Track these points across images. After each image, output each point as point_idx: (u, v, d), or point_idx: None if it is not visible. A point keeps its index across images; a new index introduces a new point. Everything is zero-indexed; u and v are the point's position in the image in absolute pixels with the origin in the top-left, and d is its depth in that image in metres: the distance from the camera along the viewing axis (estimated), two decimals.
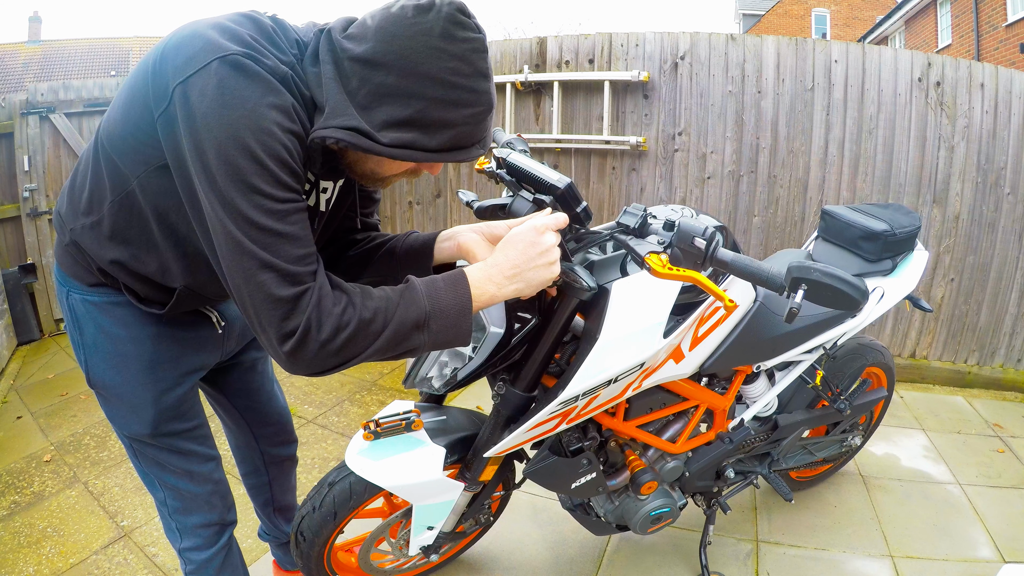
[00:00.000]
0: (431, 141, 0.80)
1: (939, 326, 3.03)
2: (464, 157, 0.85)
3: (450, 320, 0.86)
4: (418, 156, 0.81)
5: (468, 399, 2.76)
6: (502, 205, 1.14)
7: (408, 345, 0.84)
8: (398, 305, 0.83)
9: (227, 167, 0.73)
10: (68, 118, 3.74)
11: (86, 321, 1.03)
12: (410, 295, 0.84)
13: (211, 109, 0.73)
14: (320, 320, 0.78)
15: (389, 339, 0.82)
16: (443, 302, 0.85)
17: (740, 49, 2.96)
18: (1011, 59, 10.50)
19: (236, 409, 1.40)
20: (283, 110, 0.76)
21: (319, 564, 1.44)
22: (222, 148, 0.73)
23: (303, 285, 0.78)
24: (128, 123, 0.83)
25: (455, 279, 0.88)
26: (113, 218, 0.91)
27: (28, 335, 3.70)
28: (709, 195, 3.16)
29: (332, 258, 1.20)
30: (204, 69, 0.73)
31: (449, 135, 0.81)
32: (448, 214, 3.75)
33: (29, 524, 2.00)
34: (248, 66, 0.74)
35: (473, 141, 0.85)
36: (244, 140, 0.73)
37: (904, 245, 1.72)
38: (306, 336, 0.77)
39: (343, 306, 0.80)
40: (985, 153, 2.76)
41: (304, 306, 0.77)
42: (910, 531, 1.95)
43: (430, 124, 0.79)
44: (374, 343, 0.81)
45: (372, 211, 1.22)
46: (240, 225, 0.75)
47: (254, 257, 0.75)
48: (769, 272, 0.88)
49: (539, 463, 1.33)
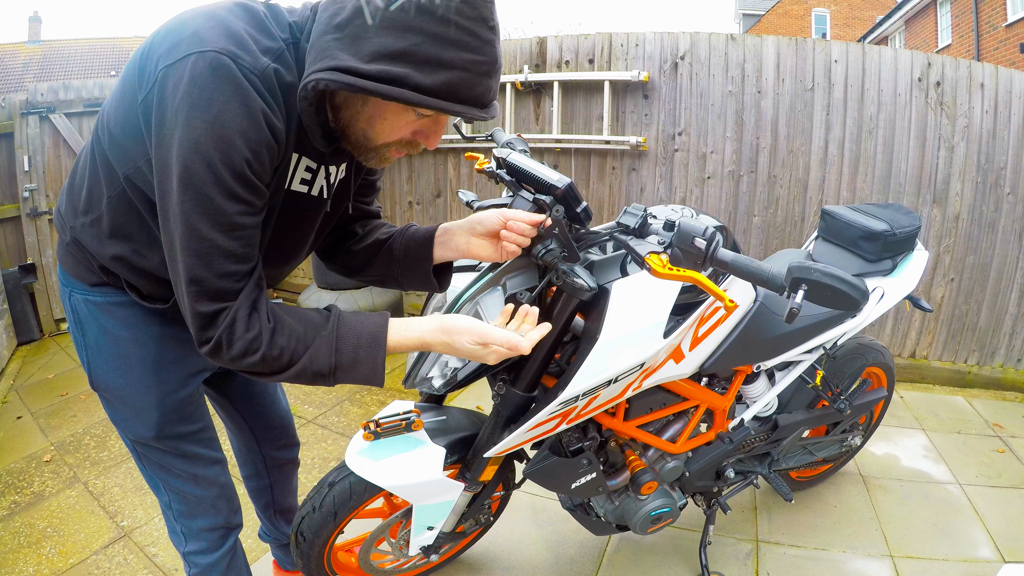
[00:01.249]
0: (425, 79, 0.74)
1: (939, 326, 3.03)
2: (461, 111, 0.78)
3: (356, 377, 0.88)
4: (409, 96, 0.74)
5: (468, 399, 2.76)
6: (502, 205, 1.14)
7: (316, 384, 0.88)
8: (307, 350, 0.85)
9: (184, 170, 0.74)
10: (68, 118, 3.74)
11: (89, 322, 1.02)
12: (318, 347, 0.86)
13: (180, 107, 0.73)
14: (231, 341, 0.81)
15: (294, 376, 0.86)
16: (349, 360, 0.87)
17: (740, 49, 2.96)
18: (1011, 59, 10.49)
19: (238, 412, 1.40)
20: (251, 117, 0.75)
21: (319, 564, 1.44)
22: (182, 150, 0.73)
23: (222, 303, 0.80)
24: (118, 116, 0.83)
25: (373, 341, 0.88)
26: (112, 214, 0.91)
27: (28, 335, 3.70)
28: (709, 195, 3.16)
29: (331, 248, 1.19)
30: (182, 61, 0.73)
31: (445, 77, 0.75)
32: (448, 214, 3.75)
33: (29, 524, 2.00)
34: (223, 67, 0.73)
35: (472, 94, 0.78)
36: (203, 148, 0.73)
37: (904, 245, 1.72)
38: (218, 349, 0.82)
39: (254, 335, 0.82)
40: (985, 153, 2.76)
41: (219, 323, 0.81)
42: (910, 531, 1.95)
43: (425, 61, 0.73)
44: (280, 374, 0.86)
45: (372, 199, 1.20)
46: (184, 227, 0.76)
47: (187, 264, 0.78)
48: (769, 272, 0.88)
49: (539, 463, 1.33)
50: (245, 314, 0.82)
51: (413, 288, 1.17)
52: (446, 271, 1.16)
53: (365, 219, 1.21)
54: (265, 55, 0.77)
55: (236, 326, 0.81)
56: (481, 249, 1.07)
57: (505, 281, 1.14)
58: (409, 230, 1.15)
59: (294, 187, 0.93)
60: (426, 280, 1.13)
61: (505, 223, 1.03)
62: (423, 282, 1.14)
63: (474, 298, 1.13)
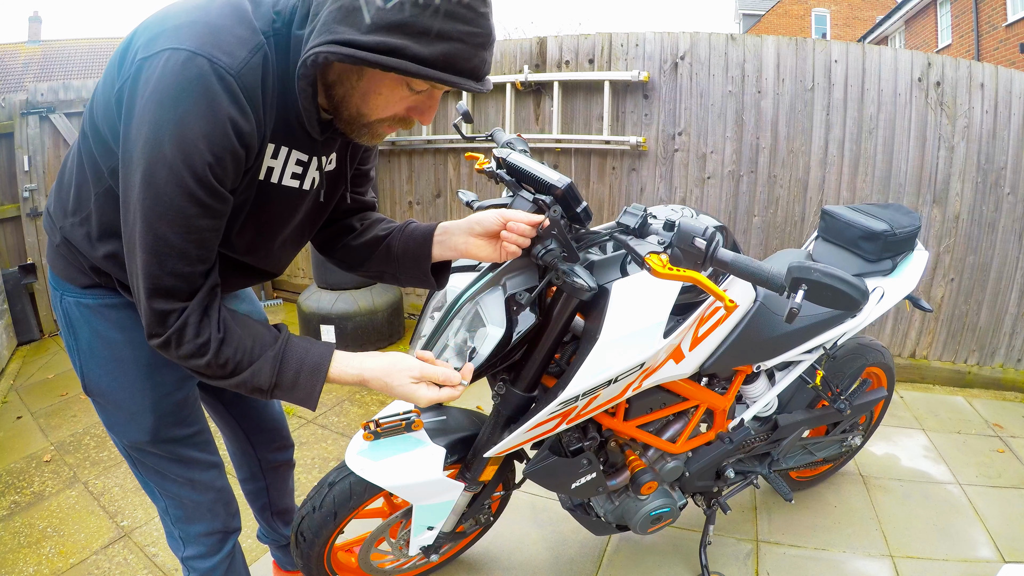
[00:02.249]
0: (423, 50, 0.74)
1: (939, 326, 3.03)
2: (457, 82, 0.78)
3: (292, 398, 0.91)
4: (407, 66, 0.74)
5: (468, 399, 2.76)
6: (502, 205, 1.14)
7: (254, 395, 0.90)
8: (251, 365, 0.87)
9: (147, 167, 0.74)
10: (68, 118, 3.74)
11: (80, 325, 1.00)
12: (262, 365, 0.87)
13: (148, 103, 0.73)
14: (180, 342, 0.83)
15: (235, 385, 0.88)
16: (289, 382, 0.89)
17: (740, 49, 2.96)
18: (1011, 59, 10.50)
19: (231, 416, 1.39)
20: (216, 123, 0.74)
21: (319, 564, 1.44)
22: (146, 147, 0.73)
23: (175, 303, 0.81)
24: (101, 108, 0.83)
25: (314, 370, 0.90)
26: (100, 212, 0.90)
27: (28, 335, 3.70)
28: (709, 195, 3.16)
29: (331, 243, 1.19)
30: (157, 56, 0.73)
31: (442, 48, 0.75)
32: (448, 214, 3.75)
33: (29, 524, 2.00)
34: (194, 68, 0.72)
35: (469, 66, 0.79)
36: (166, 148, 0.73)
37: (904, 245, 1.72)
38: (167, 346, 0.83)
39: (203, 341, 0.83)
40: (985, 153, 2.76)
41: (170, 323, 0.82)
42: (910, 531, 1.95)
43: (422, 32, 0.74)
44: (222, 380, 0.87)
45: (366, 189, 1.19)
46: (143, 223, 0.77)
47: (143, 259, 0.79)
48: (769, 272, 0.88)
49: (539, 463, 1.33)
50: (196, 319, 0.82)
51: (411, 285, 1.17)
52: (444, 269, 1.16)
53: (363, 212, 1.20)
54: (245, 50, 0.76)
55: (187, 330, 0.82)
56: (480, 249, 1.07)
57: (505, 281, 1.14)
58: (408, 227, 1.14)
59: (285, 182, 0.92)
60: (424, 278, 1.13)
61: (505, 223, 1.02)
62: (421, 280, 1.14)
63: (474, 298, 1.14)
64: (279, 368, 0.88)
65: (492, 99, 3.49)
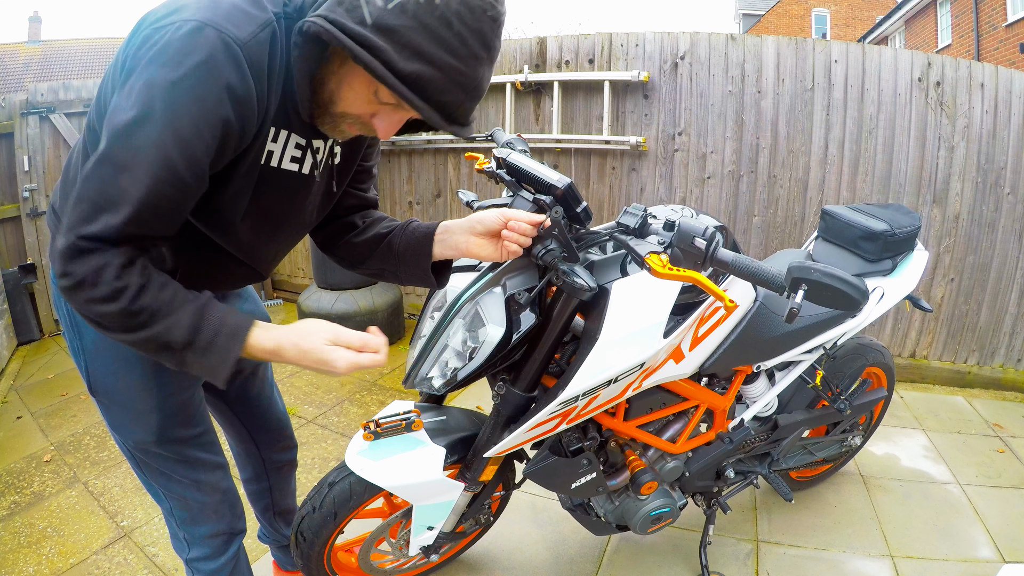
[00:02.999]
0: (399, 61, 0.74)
1: (939, 326, 3.03)
2: (420, 107, 0.77)
3: (203, 363, 0.82)
4: (377, 68, 0.74)
5: (468, 399, 2.76)
6: (502, 205, 1.15)
7: (159, 357, 0.83)
8: (166, 317, 0.79)
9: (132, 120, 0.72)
10: (68, 118, 3.74)
11: (85, 324, 0.99)
12: (179, 319, 0.80)
13: (151, 62, 0.73)
14: (96, 282, 0.75)
15: (142, 341, 0.80)
16: (205, 341, 0.81)
17: (740, 49, 2.96)
18: (1011, 59, 10.50)
19: (235, 415, 1.39)
20: (213, 89, 0.74)
21: (319, 564, 1.44)
22: (137, 103, 0.72)
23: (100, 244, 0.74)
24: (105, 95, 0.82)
25: (234, 333, 0.83)
26: None
27: (28, 335, 3.70)
28: (709, 195, 3.16)
29: (332, 240, 1.18)
30: (168, 25, 0.74)
31: (417, 68, 0.74)
32: (448, 214, 3.75)
33: (29, 524, 2.00)
34: (201, 34, 0.72)
35: (440, 99, 0.77)
36: (155, 108, 0.72)
37: (904, 245, 1.72)
38: (78, 288, 0.75)
39: (122, 284, 0.76)
40: (985, 153, 2.76)
41: (88, 261, 0.74)
42: (910, 531, 1.95)
43: (406, 45, 0.73)
44: (128, 334, 0.79)
45: (368, 186, 1.19)
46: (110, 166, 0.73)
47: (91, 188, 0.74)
48: (769, 272, 0.88)
49: (539, 463, 1.33)
50: (119, 263, 0.76)
51: (411, 283, 1.17)
52: (445, 268, 1.16)
53: (364, 209, 1.20)
54: (254, 25, 0.77)
55: (106, 271, 0.75)
56: (480, 249, 1.07)
57: (505, 281, 1.14)
58: (410, 226, 1.14)
59: (284, 165, 0.92)
60: (424, 277, 1.13)
61: (506, 223, 1.02)
62: (421, 278, 1.14)
63: (474, 298, 1.14)
64: (198, 325, 0.81)
65: (492, 99, 3.49)
